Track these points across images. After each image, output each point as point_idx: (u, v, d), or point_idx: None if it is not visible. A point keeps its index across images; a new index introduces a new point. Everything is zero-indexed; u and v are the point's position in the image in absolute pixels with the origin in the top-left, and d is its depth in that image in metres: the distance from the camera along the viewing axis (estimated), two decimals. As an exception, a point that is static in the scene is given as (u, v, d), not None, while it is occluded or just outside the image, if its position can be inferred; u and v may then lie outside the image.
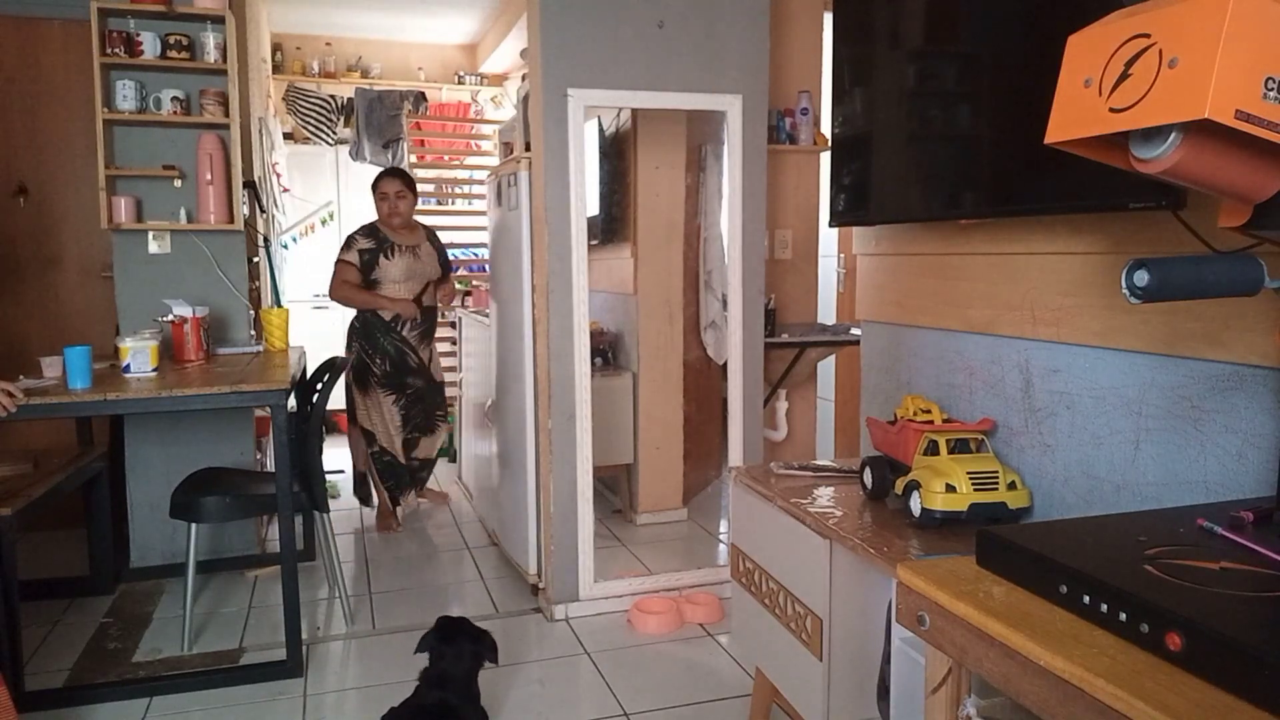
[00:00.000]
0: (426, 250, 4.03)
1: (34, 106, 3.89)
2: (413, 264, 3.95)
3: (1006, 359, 1.85)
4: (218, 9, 3.36)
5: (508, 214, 3.40)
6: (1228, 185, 0.97)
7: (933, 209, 1.97)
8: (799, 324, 4.11)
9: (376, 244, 3.92)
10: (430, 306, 4.04)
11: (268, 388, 2.65)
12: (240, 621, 3.12)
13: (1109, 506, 1.60)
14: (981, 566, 1.10)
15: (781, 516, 1.92)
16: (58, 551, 3.71)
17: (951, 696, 1.14)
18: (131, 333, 3.02)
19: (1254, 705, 0.76)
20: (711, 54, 3.09)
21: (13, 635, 2.46)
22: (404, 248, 3.94)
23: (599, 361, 4.14)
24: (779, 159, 4.00)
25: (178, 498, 2.90)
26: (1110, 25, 0.97)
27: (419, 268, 3.97)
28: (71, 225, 3.99)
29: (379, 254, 3.92)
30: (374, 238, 3.94)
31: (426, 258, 4.01)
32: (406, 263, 3.94)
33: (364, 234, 3.97)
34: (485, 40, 6.43)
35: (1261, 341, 1.31)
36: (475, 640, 2.23)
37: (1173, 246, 1.38)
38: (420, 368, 4.02)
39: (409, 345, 3.96)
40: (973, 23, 1.82)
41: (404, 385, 3.99)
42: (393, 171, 4.03)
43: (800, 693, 1.89)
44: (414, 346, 3.98)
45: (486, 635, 2.26)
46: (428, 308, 4.02)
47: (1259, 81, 0.84)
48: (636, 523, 4.10)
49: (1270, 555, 1.00)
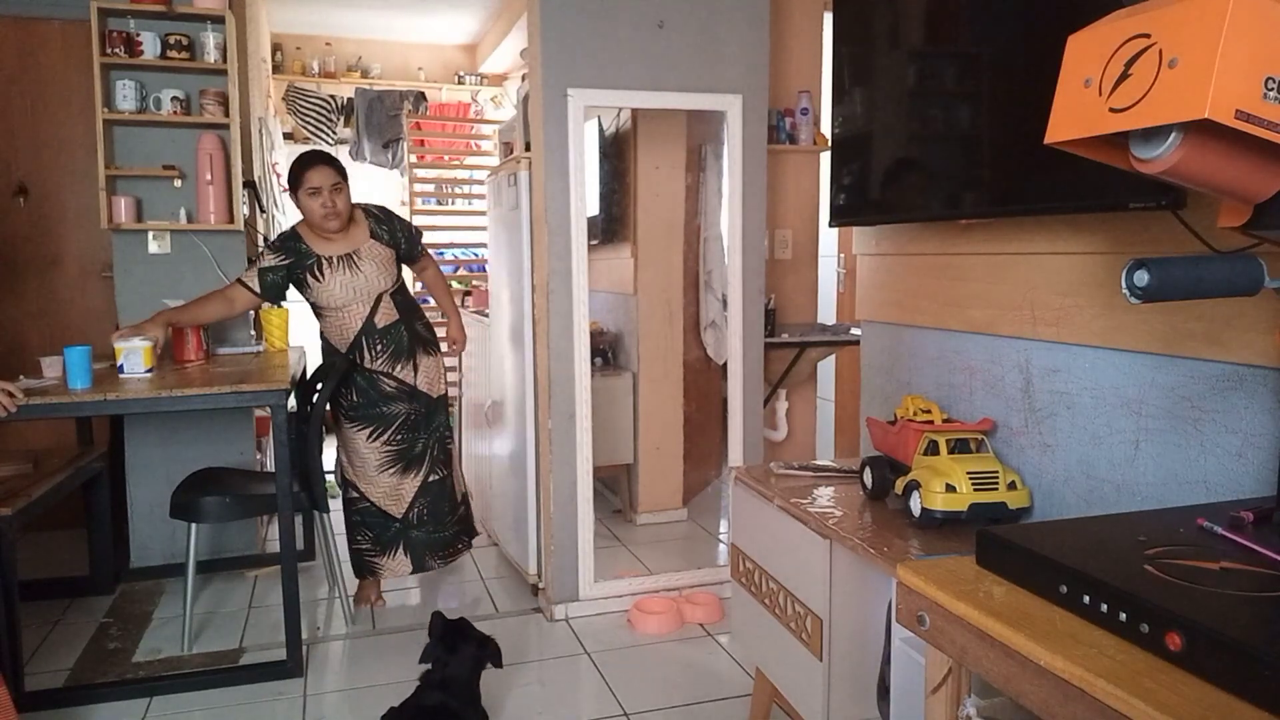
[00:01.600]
0: (370, 252, 3.03)
1: (34, 106, 3.89)
2: (352, 280, 2.99)
3: (1006, 359, 1.85)
4: (218, 9, 3.36)
5: (508, 214, 3.40)
6: (1228, 185, 0.97)
7: (933, 209, 1.97)
8: (799, 324, 4.11)
9: (297, 261, 2.98)
10: (390, 326, 3.06)
11: (268, 388, 2.65)
12: (240, 621, 3.12)
13: (1109, 506, 1.60)
14: (981, 566, 1.10)
15: (781, 516, 1.92)
16: (58, 551, 3.70)
17: (951, 696, 1.14)
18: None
19: (1254, 705, 0.76)
20: (711, 54, 3.09)
21: (13, 635, 2.45)
22: (334, 261, 2.98)
23: (599, 361, 4.14)
24: (779, 159, 4.00)
25: (178, 498, 2.90)
26: (1110, 25, 0.97)
27: (359, 283, 3.00)
28: (71, 225, 3.99)
29: (306, 274, 2.98)
30: (291, 252, 2.99)
31: (370, 264, 3.01)
32: (343, 280, 2.98)
33: (281, 249, 3.00)
34: (485, 40, 6.43)
35: (1261, 341, 1.31)
36: (480, 645, 2.23)
37: (1173, 246, 1.38)
38: (405, 390, 3.10)
39: (377, 374, 3.07)
40: (973, 22, 1.82)
41: (381, 417, 3.08)
42: (318, 156, 2.99)
43: (800, 693, 1.89)
44: (385, 374, 3.08)
45: (490, 641, 2.25)
46: (385, 328, 3.06)
47: (1259, 81, 0.84)
48: (636, 523, 4.10)
49: (1270, 555, 1.00)
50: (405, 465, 3.13)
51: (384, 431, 3.10)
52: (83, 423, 3.33)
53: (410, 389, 3.12)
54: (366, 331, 3.05)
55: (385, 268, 3.07)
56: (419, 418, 3.15)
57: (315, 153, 3.03)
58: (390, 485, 3.13)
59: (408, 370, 3.11)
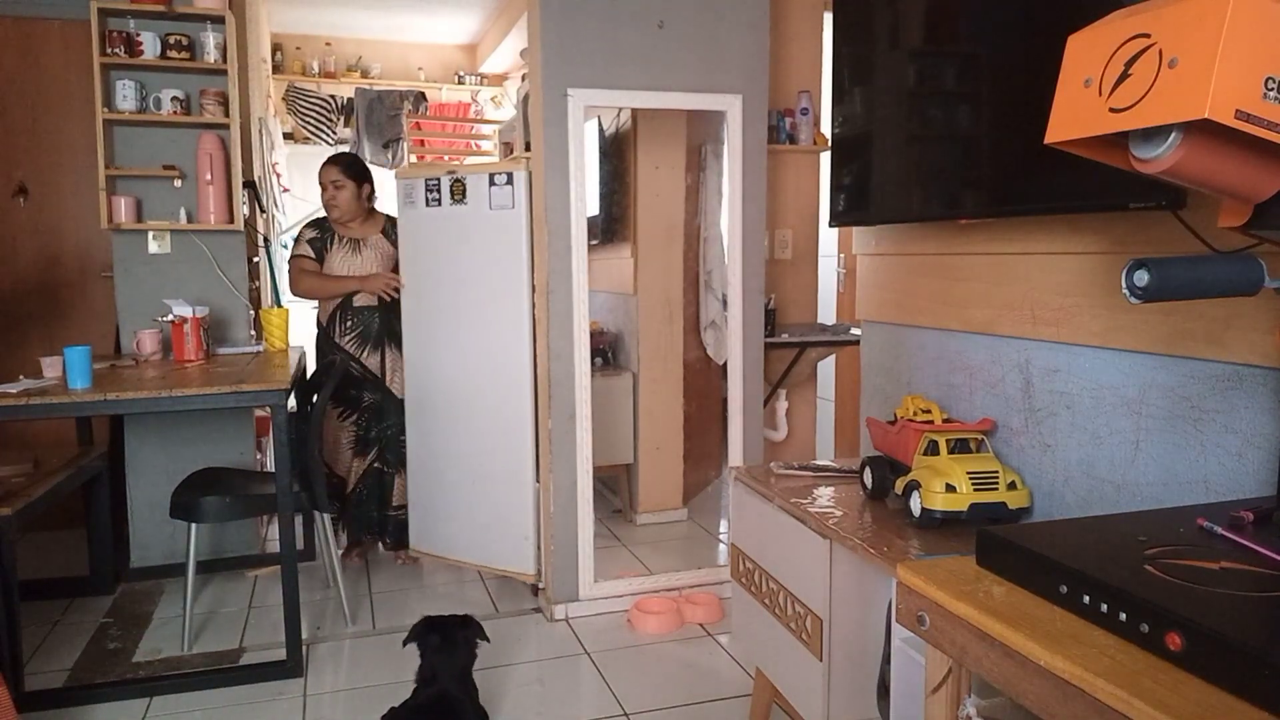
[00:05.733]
0: (374, 244, 3.55)
1: (34, 106, 3.89)
2: (350, 259, 3.52)
3: (1006, 359, 1.85)
4: (218, 9, 3.36)
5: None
6: (1228, 185, 0.97)
7: (933, 209, 1.97)
8: (799, 324, 4.11)
9: (321, 234, 3.56)
10: (365, 308, 3.52)
11: (268, 388, 2.65)
12: (240, 621, 3.12)
13: (1109, 506, 1.60)
14: (981, 566, 1.10)
15: (781, 516, 1.92)
16: (58, 551, 3.71)
17: (951, 696, 1.14)
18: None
19: (1254, 705, 0.76)
20: (711, 54, 3.09)
21: (13, 635, 2.46)
22: (344, 240, 3.54)
23: (599, 361, 4.14)
24: (779, 159, 4.00)
25: (178, 498, 2.90)
26: (1110, 25, 0.97)
27: (355, 264, 3.52)
28: (71, 225, 3.99)
29: (323, 244, 3.55)
30: (319, 227, 3.60)
31: (370, 252, 3.54)
32: (343, 257, 3.53)
33: (312, 225, 3.63)
34: (485, 40, 6.43)
35: (1261, 341, 1.31)
36: (463, 625, 2.23)
37: (1173, 246, 1.38)
38: (370, 378, 3.53)
39: (347, 354, 3.49)
40: (973, 22, 1.82)
41: (352, 399, 3.53)
42: (332, 159, 3.56)
43: (800, 693, 1.89)
44: (354, 355, 3.50)
45: (470, 619, 2.26)
46: (359, 308, 3.51)
47: (1259, 81, 0.84)
48: (636, 523, 4.10)
49: (1270, 555, 1.00)
50: (363, 446, 3.57)
51: (352, 413, 3.55)
52: (83, 423, 3.33)
53: (374, 378, 3.54)
54: (344, 306, 3.53)
55: (383, 260, 3.57)
56: (378, 407, 3.57)
57: (334, 155, 3.61)
58: (347, 458, 3.56)
59: (374, 359, 3.54)
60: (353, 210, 3.52)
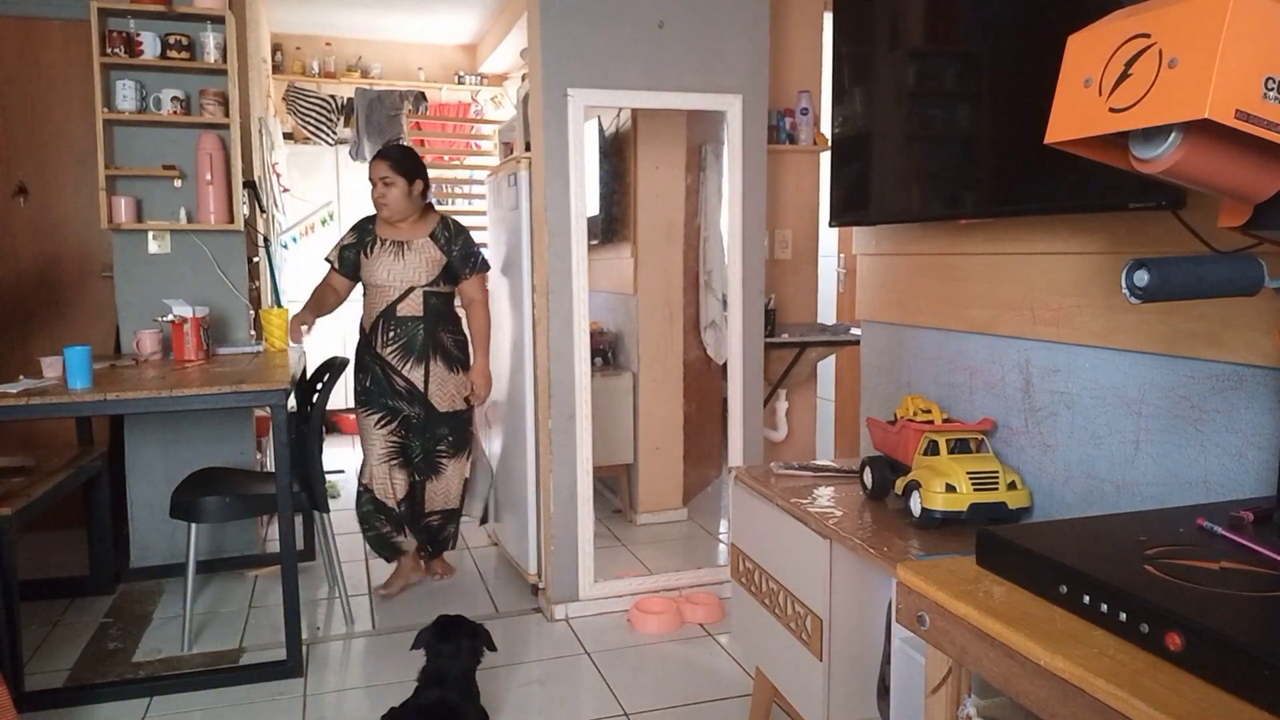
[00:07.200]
0: (421, 248, 3.19)
1: (34, 106, 3.89)
2: (392, 264, 3.18)
3: (1006, 359, 1.85)
4: (218, 9, 3.36)
5: (508, 214, 3.40)
6: (1228, 185, 0.97)
7: (933, 209, 1.97)
8: (799, 324, 4.11)
9: (359, 237, 3.26)
10: (409, 318, 3.19)
11: (268, 388, 2.65)
12: (240, 621, 3.12)
13: (1109, 506, 1.60)
14: (981, 566, 1.10)
15: (781, 516, 1.92)
16: (58, 551, 3.70)
17: (951, 696, 1.14)
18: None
19: (1254, 705, 0.76)
20: (711, 54, 3.09)
21: (13, 635, 2.46)
22: (386, 243, 3.20)
23: (599, 361, 4.14)
24: (779, 159, 4.00)
25: (178, 498, 2.90)
26: (1110, 25, 0.97)
27: (399, 269, 3.17)
28: (71, 225, 3.99)
29: (359, 249, 3.24)
30: (360, 229, 3.29)
31: (415, 256, 3.18)
32: (386, 263, 3.18)
33: (356, 226, 3.32)
34: (485, 40, 6.43)
35: (1261, 341, 1.31)
36: (471, 635, 2.24)
37: (1173, 246, 1.38)
38: (411, 392, 3.23)
39: (388, 365, 3.21)
40: (973, 22, 1.82)
41: (390, 408, 3.24)
42: (382, 152, 3.25)
43: (800, 693, 1.89)
44: (394, 367, 3.20)
45: (481, 629, 2.27)
46: (403, 318, 3.19)
47: (1259, 81, 0.84)
48: (636, 523, 4.10)
49: (1270, 555, 1.00)
50: (402, 461, 3.31)
51: (392, 421, 3.27)
52: (83, 423, 3.33)
53: (415, 391, 3.25)
54: (386, 315, 3.22)
55: (428, 266, 3.21)
56: (420, 422, 3.29)
57: (384, 148, 3.33)
58: (384, 474, 3.28)
59: (417, 373, 3.23)
60: (404, 209, 3.17)
